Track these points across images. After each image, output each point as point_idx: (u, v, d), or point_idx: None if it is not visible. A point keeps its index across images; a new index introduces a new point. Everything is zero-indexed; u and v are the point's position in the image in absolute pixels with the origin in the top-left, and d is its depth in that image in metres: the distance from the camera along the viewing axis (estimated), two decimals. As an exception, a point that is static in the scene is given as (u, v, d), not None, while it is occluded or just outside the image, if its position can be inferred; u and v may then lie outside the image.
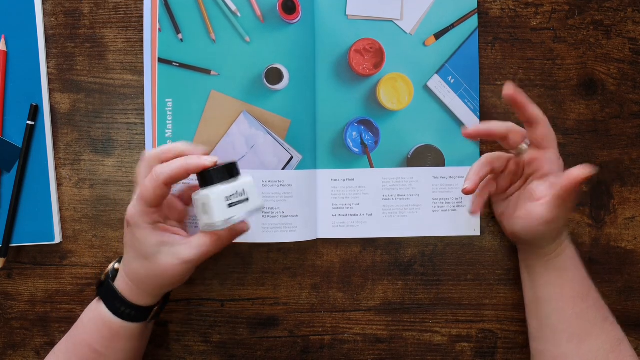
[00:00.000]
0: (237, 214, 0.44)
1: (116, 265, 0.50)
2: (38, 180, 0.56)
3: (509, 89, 0.46)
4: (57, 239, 0.56)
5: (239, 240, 0.55)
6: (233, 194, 0.44)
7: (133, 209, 0.46)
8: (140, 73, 0.57)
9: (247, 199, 0.45)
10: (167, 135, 0.55)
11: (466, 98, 0.56)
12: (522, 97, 0.47)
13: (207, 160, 0.44)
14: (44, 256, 0.58)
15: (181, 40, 0.55)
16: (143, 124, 0.57)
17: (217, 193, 0.44)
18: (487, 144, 0.57)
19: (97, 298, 0.49)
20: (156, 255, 0.45)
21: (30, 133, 0.55)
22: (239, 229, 0.47)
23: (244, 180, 0.45)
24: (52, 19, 0.57)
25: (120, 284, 0.48)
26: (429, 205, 0.57)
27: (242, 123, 0.55)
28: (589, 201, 0.57)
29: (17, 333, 0.58)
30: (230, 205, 0.44)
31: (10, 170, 0.55)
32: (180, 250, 0.45)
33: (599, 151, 0.57)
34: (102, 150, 0.57)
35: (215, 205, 0.43)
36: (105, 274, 0.49)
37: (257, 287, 0.57)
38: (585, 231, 0.57)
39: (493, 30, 0.57)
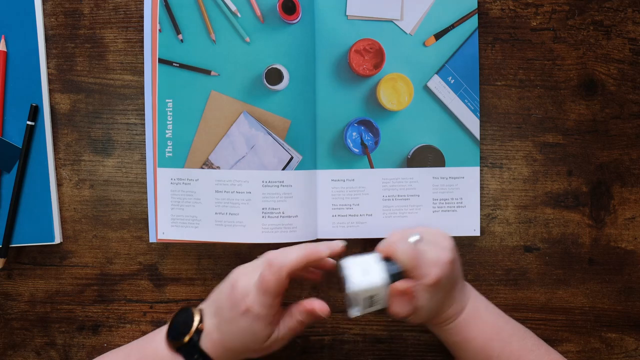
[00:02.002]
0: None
1: (199, 324, 0.47)
2: (38, 181, 0.56)
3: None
4: (57, 239, 0.56)
5: (239, 240, 0.55)
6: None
7: (255, 301, 0.45)
8: (141, 73, 0.57)
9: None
10: (167, 135, 0.55)
11: (466, 98, 0.56)
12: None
13: (338, 245, 0.48)
14: (44, 256, 0.58)
15: (181, 40, 0.55)
16: (143, 124, 0.57)
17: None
18: (486, 143, 0.57)
19: (166, 344, 0.48)
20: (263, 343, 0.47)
21: (30, 133, 0.55)
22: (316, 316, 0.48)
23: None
24: (52, 19, 0.57)
25: (208, 347, 0.47)
26: (429, 206, 0.57)
27: (242, 123, 0.55)
28: (589, 201, 0.57)
29: (17, 333, 0.58)
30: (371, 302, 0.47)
31: (10, 171, 0.55)
32: (279, 334, 0.47)
33: (599, 151, 0.57)
34: (102, 150, 0.57)
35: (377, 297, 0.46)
36: (190, 336, 0.47)
37: (257, 287, 0.57)
38: (585, 231, 0.57)
39: (493, 31, 0.57)
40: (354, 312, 0.46)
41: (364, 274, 0.45)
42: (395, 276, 0.46)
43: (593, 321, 0.57)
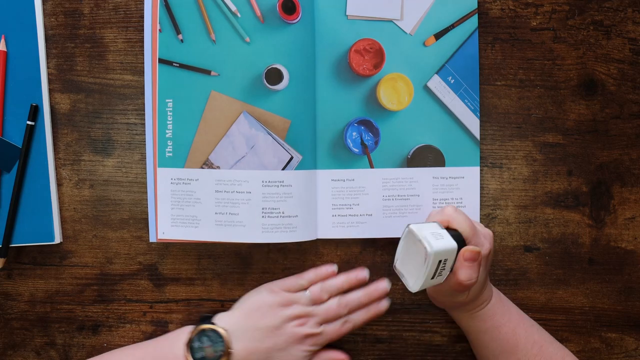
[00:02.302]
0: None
1: (228, 350, 0.49)
2: (38, 181, 0.56)
3: None
4: (57, 239, 0.56)
5: (239, 240, 0.55)
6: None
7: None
8: (141, 73, 0.57)
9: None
10: (167, 135, 0.55)
11: (466, 98, 0.56)
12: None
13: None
14: (44, 256, 0.58)
15: (181, 40, 0.55)
16: (143, 124, 0.57)
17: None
18: (486, 143, 0.57)
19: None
20: None
21: (30, 133, 0.55)
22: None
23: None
24: (52, 19, 0.57)
25: None
26: (429, 206, 0.57)
27: (242, 123, 0.55)
28: (589, 201, 0.57)
29: (17, 333, 0.58)
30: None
31: (10, 171, 0.55)
32: None
33: (599, 151, 0.57)
34: (102, 150, 0.57)
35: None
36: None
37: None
38: (585, 231, 0.57)
39: (493, 31, 0.57)
40: (419, 282, 0.46)
41: (436, 238, 0.45)
42: (460, 244, 0.47)
43: (593, 321, 0.57)
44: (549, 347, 0.51)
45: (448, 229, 0.48)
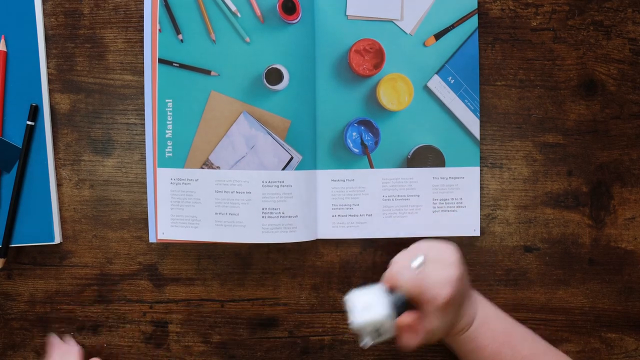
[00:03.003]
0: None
1: None
2: (38, 181, 0.56)
3: None
4: (57, 239, 0.56)
5: (239, 240, 0.55)
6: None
7: None
8: (140, 73, 0.57)
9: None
10: (167, 135, 0.56)
11: (466, 98, 0.56)
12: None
13: None
14: (44, 257, 0.57)
15: (181, 40, 0.55)
16: (143, 124, 0.57)
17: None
18: (486, 143, 0.57)
19: None
20: None
21: (30, 133, 0.55)
22: None
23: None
24: (52, 19, 0.57)
25: None
26: (429, 206, 0.57)
27: (242, 123, 0.55)
28: (589, 201, 0.57)
29: (17, 333, 0.58)
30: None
31: (10, 171, 0.55)
32: None
33: (599, 151, 0.57)
34: (102, 150, 0.57)
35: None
36: None
37: (257, 287, 0.57)
38: (585, 231, 0.57)
39: (493, 31, 0.57)
40: (364, 343, 0.46)
41: (365, 308, 0.45)
42: (401, 306, 0.46)
43: (593, 321, 0.57)
44: (542, 358, 0.50)
45: (393, 289, 0.47)
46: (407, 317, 0.46)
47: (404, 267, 0.47)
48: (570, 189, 0.57)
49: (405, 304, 0.46)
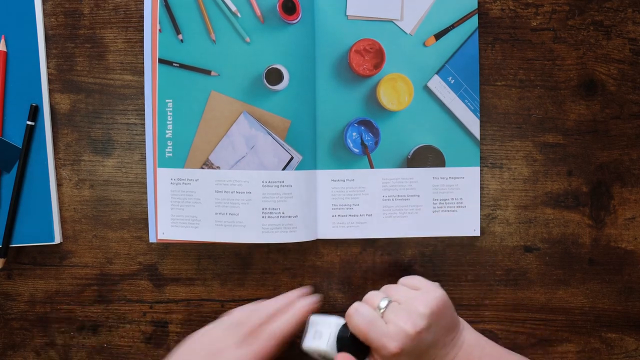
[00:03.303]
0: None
1: None
2: (38, 181, 0.56)
3: None
4: (57, 239, 0.56)
5: (239, 240, 0.55)
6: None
7: None
8: (141, 73, 0.57)
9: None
10: (167, 135, 0.56)
11: (466, 98, 0.56)
12: None
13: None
14: (44, 257, 0.57)
15: (181, 40, 0.55)
16: (143, 124, 0.57)
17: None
18: (486, 143, 0.57)
19: None
20: None
21: (30, 133, 0.55)
22: None
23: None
24: (52, 19, 0.57)
25: None
26: (429, 206, 0.57)
27: (242, 123, 0.55)
28: (589, 201, 0.57)
29: (17, 333, 0.58)
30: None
31: (10, 171, 0.55)
32: None
33: (599, 151, 0.57)
34: (102, 150, 0.57)
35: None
36: None
37: (257, 287, 0.57)
38: (585, 231, 0.57)
39: (493, 31, 0.57)
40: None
41: (315, 337, 0.49)
42: (350, 345, 0.47)
43: (593, 321, 0.57)
44: None
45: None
46: (342, 357, 0.46)
47: (360, 308, 0.47)
48: (570, 189, 0.57)
49: (355, 340, 0.47)
